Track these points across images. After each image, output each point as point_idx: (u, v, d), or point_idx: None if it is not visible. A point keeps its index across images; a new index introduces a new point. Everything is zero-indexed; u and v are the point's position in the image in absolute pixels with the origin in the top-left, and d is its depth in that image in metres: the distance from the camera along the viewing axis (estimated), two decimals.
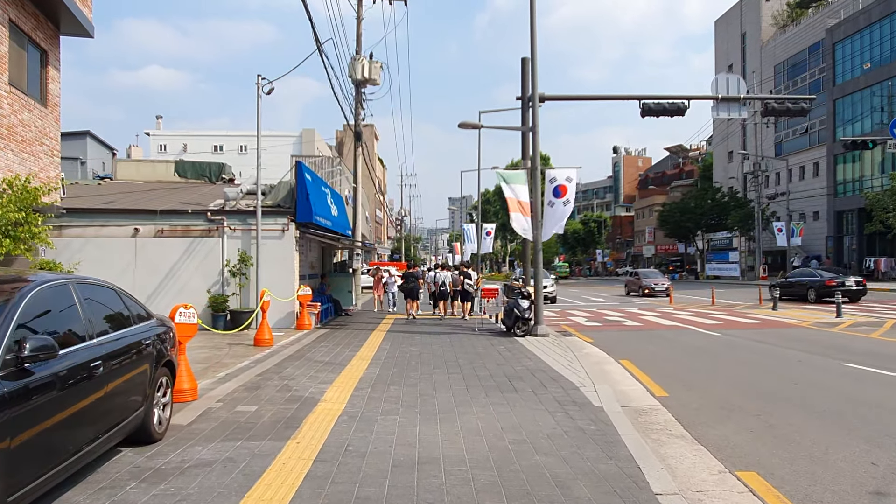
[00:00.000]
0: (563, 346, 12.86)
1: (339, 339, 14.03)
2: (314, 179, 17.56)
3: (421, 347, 12.57)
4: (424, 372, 9.63)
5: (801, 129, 54.00)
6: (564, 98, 16.71)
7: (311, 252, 19.96)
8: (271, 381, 8.76)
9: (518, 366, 10.25)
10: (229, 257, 15.70)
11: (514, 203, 14.82)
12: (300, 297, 15.77)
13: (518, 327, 14.57)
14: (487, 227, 35.68)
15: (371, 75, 23.46)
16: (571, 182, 14.79)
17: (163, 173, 20.14)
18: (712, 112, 16.79)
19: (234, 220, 16.02)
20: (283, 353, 11.59)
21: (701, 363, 11.23)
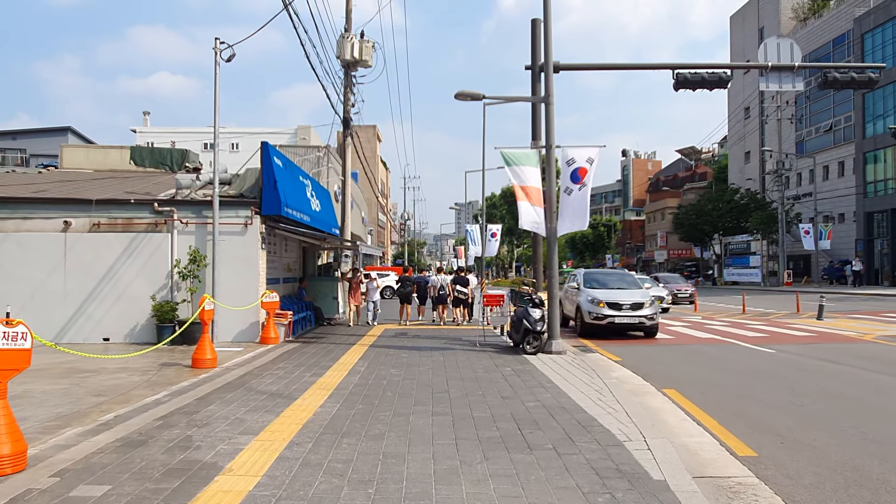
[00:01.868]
0: (586, 367, 10.11)
1: (306, 356, 11.32)
2: (287, 166, 14.89)
3: (405, 369, 9.84)
4: (400, 411, 6.90)
5: (824, 126, 51.07)
6: (583, 67, 13.98)
7: (287, 252, 17.29)
8: (173, 428, 6.05)
9: (530, 400, 7.50)
10: (180, 256, 13.03)
11: (521, 191, 12.09)
12: (265, 305, 13.08)
13: (528, 342, 11.83)
14: (493, 227, 32.99)
15: (362, 56, 20.84)
16: (593, 164, 12.06)
17: (116, 161, 17.55)
18: (761, 83, 14.07)
19: (186, 211, 13.36)
20: (222, 378, 8.88)
21: (773, 395, 8.44)
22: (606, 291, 15.61)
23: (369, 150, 65.91)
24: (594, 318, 14.78)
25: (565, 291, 17.30)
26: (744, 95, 62.85)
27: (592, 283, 16.40)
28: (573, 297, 16.35)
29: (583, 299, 15.40)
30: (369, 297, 18.00)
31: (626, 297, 15.03)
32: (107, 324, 12.85)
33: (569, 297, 16.85)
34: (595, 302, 14.95)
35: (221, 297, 12.96)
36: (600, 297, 15.01)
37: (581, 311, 15.28)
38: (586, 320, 15.04)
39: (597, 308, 14.84)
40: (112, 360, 10.01)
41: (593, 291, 15.58)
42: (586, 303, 15.16)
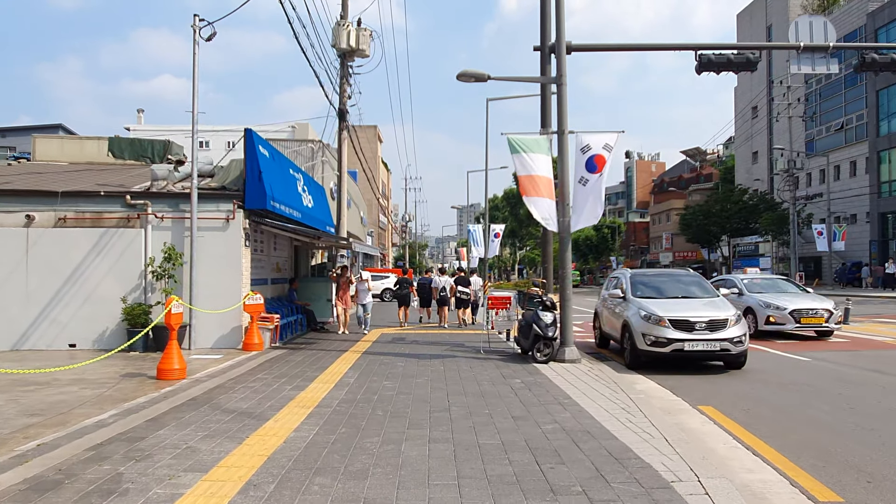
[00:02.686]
0: (606, 379, 8.89)
1: (290, 365, 10.11)
2: (275, 158, 13.71)
3: (400, 381, 8.63)
4: (391, 436, 5.69)
5: (836, 125, 49.81)
6: (597, 48, 12.76)
7: (277, 251, 16.10)
8: (104, 462, 4.85)
9: (547, 421, 6.29)
10: (154, 254, 11.85)
11: (531, 182, 10.88)
12: (248, 308, 11.89)
13: (538, 350, 10.61)
14: (496, 228, 31.88)
15: (359, 45, 19.68)
16: (611, 152, 10.85)
17: (93, 153, 16.36)
18: (792, 66, 12.85)
19: (162, 205, 12.17)
20: (187, 392, 7.68)
21: (832, 414, 7.22)
22: (667, 302, 10.79)
23: (370, 150, 64.81)
24: (653, 344, 10.03)
25: (603, 300, 12.99)
26: (751, 94, 61.66)
27: (644, 289, 11.54)
28: (616, 308, 11.62)
29: (633, 314, 10.59)
30: (359, 299, 16.12)
31: (699, 310, 10.32)
32: (73, 328, 11.67)
33: (609, 309, 12.27)
34: (653, 319, 10.12)
35: (201, 298, 11.79)
36: (660, 312, 10.16)
37: (631, 333, 10.44)
38: (640, 346, 10.18)
39: (656, 328, 10.01)
40: (67, 370, 8.81)
41: (648, 303, 10.72)
42: (640, 320, 10.32)
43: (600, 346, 13.20)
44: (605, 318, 12.77)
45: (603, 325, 12.95)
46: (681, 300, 11.08)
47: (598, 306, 13.48)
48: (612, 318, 12.03)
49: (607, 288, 13.10)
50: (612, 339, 12.34)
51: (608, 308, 12.45)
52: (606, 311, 12.60)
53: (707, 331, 9.91)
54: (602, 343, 13.25)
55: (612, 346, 12.72)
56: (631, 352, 10.53)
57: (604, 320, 12.87)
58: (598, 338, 13.49)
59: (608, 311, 12.44)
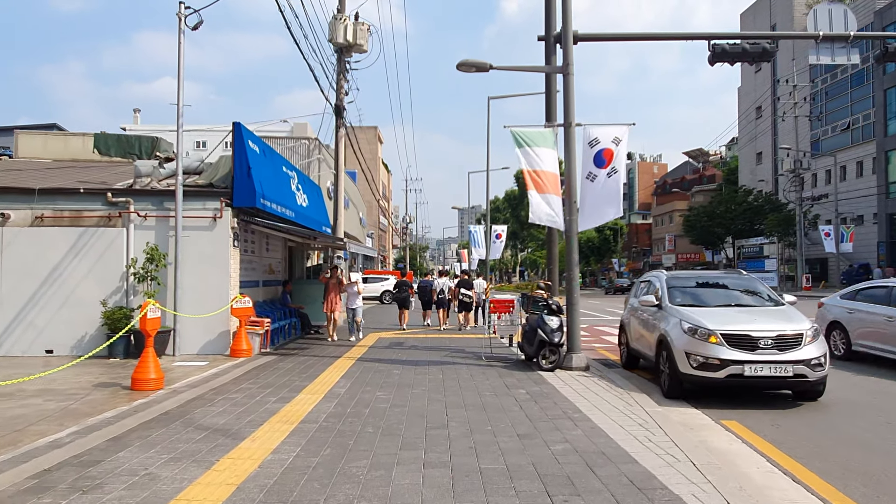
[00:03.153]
0: (617, 389, 8.22)
1: (279, 373, 9.44)
2: (267, 154, 13.07)
3: (395, 391, 7.96)
4: (381, 460, 5.02)
5: (841, 125, 49.12)
6: (606, 38, 12.09)
7: (269, 252, 15.44)
8: (44, 495, 4.19)
9: (557, 440, 5.62)
10: (136, 255, 11.19)
11: (534, 177, 10.21)
12: (236, 312, 11.23)
13: (544, 356, 9.94)
14: (497, 229, 31.18)
15: (356, 40, 19.05)
16: (620, 145, 10.19)
17: (78, 150, 15.69)
18: (811, 57, 12.18)
19: (145, 203, 11.52)
20: (161, 405, 7.01)
21: (873, 432, 6.54)
22: (718, 312, 8.28)
23: (370, 152, 64.21)
24: (700, 367, 7.54)
25: (631, 310, 10.67)
26: (755, 95, 61.01)
27: (685, 295, 9.08)
28: (649, 320, 9.28)
29: (672, 328, 8.17)
30: (349, 303, 14.71)
31: (761, 322, 7.81)
32: (50, 333, 11.01)
33: (640, 320, 9.90)
34: (700, 334, 7.68)
35: (186, 302, 11.14)
36: (709, 325, 7.71)
37: (670, 351, 7.99)
38: (683, 369, 7.72)
39: (705, 345, 7.57)
40: (36, 379, 8.15)
41: (692, 312, 8.24)
42: (681, 335, 7.89)
43: (628, 365, 10.58)
44: (634, 331, 10.21)
45: (631, 339, 10.35)
46: (734, 309, 8.60)
47: (624, 317, 11.05)
48: (643, 331, 9.57)
49: (636, 294, 10.74)
50: (643, 357, 9.75)
51: (638, 319, 9.96)
52: (636, 323, 10.06)
53: (775, 350, 7.38)
54: (630, 362, 10.55)
55: (642, 364, 10.21)
56: (670, 376, 7.98)
57: (632, 334, 10.27)
58: (624, 355, 10.88)
59: (638, 322, 9.94)
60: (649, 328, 9.23)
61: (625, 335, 10.94)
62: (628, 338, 10.66)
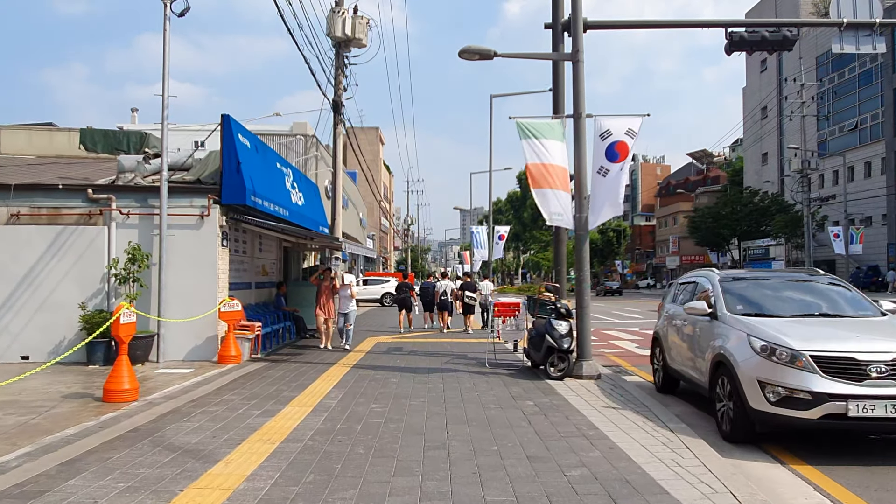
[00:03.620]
0: (634, 401, 7.55)
1: (267, 382, 8.77)
2: (259, 150, 12.42)
3: (391, 403, 7.28)
4: (371, 489, 4.35)
5: (849, 124, 48.43)
6: (617, 26, 11.42)
7: (263, 252, 14.78)
8: None
9: (572, 465, 4.94)
10: (118, 254, 10.53)
11: (543, 171, 9.54)
12: (224, 315, 10.56)
13: (552, 364, 9.25)
14: (500, 230, 30.53)
15: (355, 34, 18.38)
16: (634, 138, 9.52)
17: (63, 146, 15.06)
18: (834, 45, 11.51)
19: (128, 199, 10.87)
20: (132, 420, 6.35)
21: None
22: (800, 324, 6.28)
23: (372, 152, 63.60)
24: (782, 402, 5.50)
25: (668, 319, 8.69)
26: (761, 95, 60.34)
27: (748, 301, 6.99)
28: (698, 333, 7.27)
29: (737, 346, 6.15)
30: (340, 308, 13.17)
31: (866, 340, 5.74)
32: (26, 338, 10.35)
33: (682, 332, 7.91)
34: (781, 355, 5.63)
35: (171, 305, 10.50)
36: (794, 343, 5.66)
37: (735, 379, 5.93)
38: (756, 404, 5.67)
39: (788, 371, 5.53)
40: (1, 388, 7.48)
41: (764, 325, 6.18)
42: (753, 358, 5.85)
43: (664, 388, 8.55)
44: (674, 347, 8.17)
45: (670, 357, 8.25)
46: (822, 320, 6.58)
47: (659, 328, 9.00)
48: (688, 348, 7.56)
49: (674, 299, 8.78)
50: (687, 380, 7.68)
51: (681, 332, 7.94)
52: (677, 337, 8.07)
53: (891, 380, 5.29)
54: (667, 384, 8.48)
55: (683, 386, 8.29)
56: (736, 413, 5.85)
57: (672, 351, 8.21)
58: (660, 377, 8.74)
59: (681, 336, 7.91)
60: (699, 345, 7.12)
61: (661, 351, 8.67)
62: (665, 355, 8.44)
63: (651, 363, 9.26)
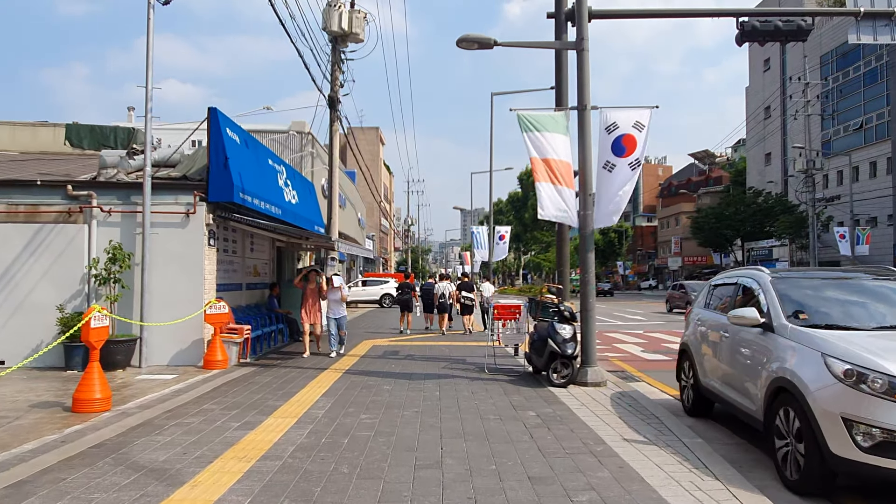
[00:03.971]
0: (643, 411, 7.04)
1: (252, 389, 8.26)
2: (249, 145, 11.92)
3: (382, 414, 6.77)
4: None
5: (854, 124, 47.87)
6: (622, 15, 10.90)
7: (254, 252, 14.28)
8: None
9: (579, 488, 4.42)
10: (99, 254, 10.02)
11: (546, 166, 9.02)
12: (210, 318, 10.06)
13: (555, 370, 8.73)
14: (501, 230, 29.97)
15: (352, 28, 17.97)
16: (643, 131, 9.00)
17: (48, 141, 14.57)
18: (850, 36, 10.97)
19: (110, 196, 10.36)
20: (98, 434, 5.84)
21: None
22: (890, 340, 4.75)
23: (372, 153, 63.17)
24: (877, 448, 4.06)
25: (700, 326, 7.21)
26: (764, 94, 59.80)
27: (814, 309, 5.45)
28: (746, 348, 5.80)
29: (806, 368, 4.70)
30: (330, 313, 11.97)
31: None
32: (1, 342, 9.83)
33: (721, 345, 6.45)
34: (875, 383, 4.16)
35: (154, 307, 10.01)
36: (893, 366, 4.20)
37: (808, 414, 4.46)
38: (840, 450, 4.21)
39: (882, 405, 4.09)
40: None
41: (843, 341, 4.67)
42: (832, 386, 4.38)
43: (695, 411, 7.08)
44: (707, 362, 6.75)
45: (704, 374, 6.80)
46: None
47: (688, 338, 7.46)
48: (728, 365, 6.10)
49: (708, 304, 7.32)
50: (727, 404, 6.11)
51: (719, 344, 6.46)
52: (714, 351, 6.58)
53: None
54: (700, 407, 7.02)
55: (718, 408, 6.95)
56: (808, 459, 4.46)
57: (705, 367, 6.79)
58: (689, 396, 7.25)
59: (719, 350, 6.41)
60: (747, 363, 5.62)
61: (690, 366, 7.19)
62: (697, 370, 6.97)
63: (678, 379, 7.75)
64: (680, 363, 7.71)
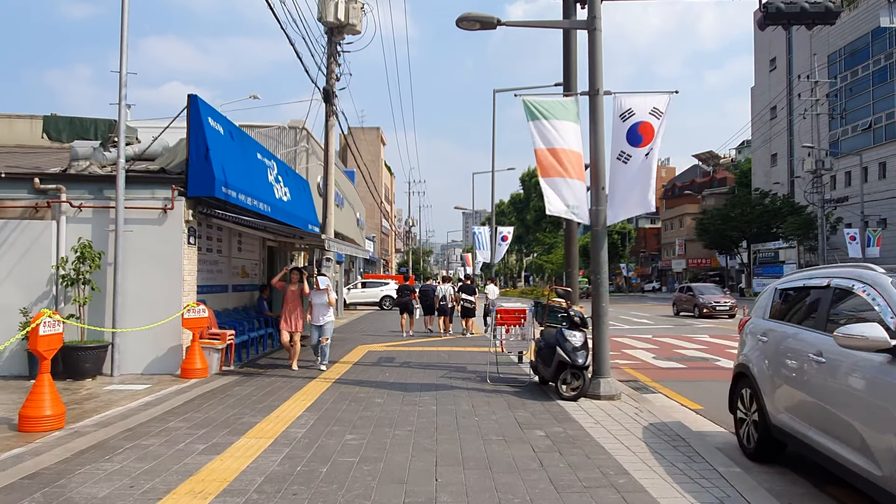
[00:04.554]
0: (665, 430, 6.22)
1: (229, 403, 7.44)
2: (232, 135, 11.12)
3: (371, 435, 5.96)
4: None
5: (863, 124, 47.01)
6: None
7: (242, 252, 13.49)
8: None
9: None
10: (68, 253, 9.23)
11: (553, 157, 8.20)
12: (189, 323, 9.25)
13: (564, 381, 7.91)
14: (503, 230, 29.15)
15: (348, 18, 17.15)
16: (660, 119, 8.18)
17: (24, 134, 13.77)
18: (882, 19, 10.32)
19: (80, 190, 9.57)
20: (35, 461, 5.03)
21: None
22: None
23: (373, 153, 62.41)
24: None
25: (766, 341, 5.52)
26: (770, 95, 58.96)
27: None
28: (846, 377, 4.18)
29: None
30: (314, 319, 10.30)
31: None
32: None
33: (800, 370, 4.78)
34: None
35: (129, 310, 9.24)
36: None
37: None
38: None
39: None
40: None
41: None
42: None
43: (760, 455, 5.36)
44: (785, 394, 5.00)
45: (775, 408, 5.11)
46: None
47: (749, 358, 5.76)
48: (826, 403, 4.39)
49: (781, 314, 5.59)
50: (816, 451, 4.49)
51: (799, 370, 4.81)
52: (793, 379, 4.90)
53: None
54: (766, 449, 5.33)
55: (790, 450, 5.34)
56: None
57: (781, 399, 5.05)
58: (751, 434, 5.51)
59: (803, 378, 4.74)
60: (863, 404, 3.95)
61: (753, 395, 5.52)
62: (765, 404, 5.25)
63: (731, 410, 6.02)
64: (736, 390, 5.96)
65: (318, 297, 10.36)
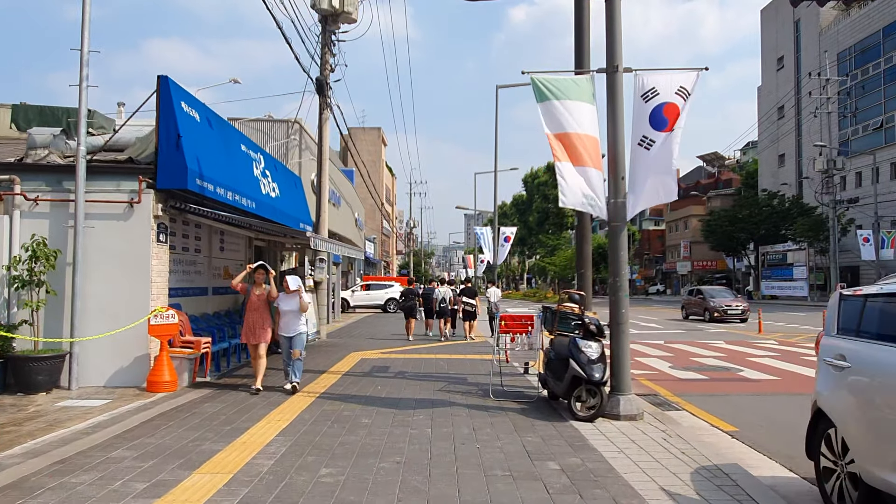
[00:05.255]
0: (697, 456, 5.20)
1: (191, 425, 6.44)
2: (211, 123, 10.14)
3: (351, 469, 4.96)
4: None
5: (874, 123, 45.91)
6: None
7: (224, 252, 12.50)
8: None
9: None
10: (21, 252, 8.25)
11: (567, 142, 7.20)
12: (155, 330, 8.26)
13: (579, 398, 6.90)
14: (506, 231, 28.20)
15: (344, 6, 16.22)
16: (687, 100, 7.18)
17: None
18: None
19: (37, 182, 8.59)
20: None
21: None
22: None
23: (374, 153, 61.49)
24: None
25: (850, 365, 4.14)
26: (778, 95, 57.89)
27: None
28: None
29: None
30: (284, 328, 8.46)
31: None
32: None
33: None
34: None
35: (90, 315, 8.28)
36: None
37: None
38: None
39: None
40: None
41: None
42: None
43: None
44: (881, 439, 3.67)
45: (876, 460, 3.69)
46: None
47: (833, 392, 4.34)
48: None
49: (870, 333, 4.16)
50: None
51: None
52: None
53: None
54: None
55: None
56: None
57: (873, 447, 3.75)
58: (842, 489, 4.10)
59: None
60: None
61: (839, 437, 4.18)
62: (855, 450, 3.96)
63: (809, 456, 4.61)
64: (816, 431, 4.52)
65: (288, 303, 8.47)
